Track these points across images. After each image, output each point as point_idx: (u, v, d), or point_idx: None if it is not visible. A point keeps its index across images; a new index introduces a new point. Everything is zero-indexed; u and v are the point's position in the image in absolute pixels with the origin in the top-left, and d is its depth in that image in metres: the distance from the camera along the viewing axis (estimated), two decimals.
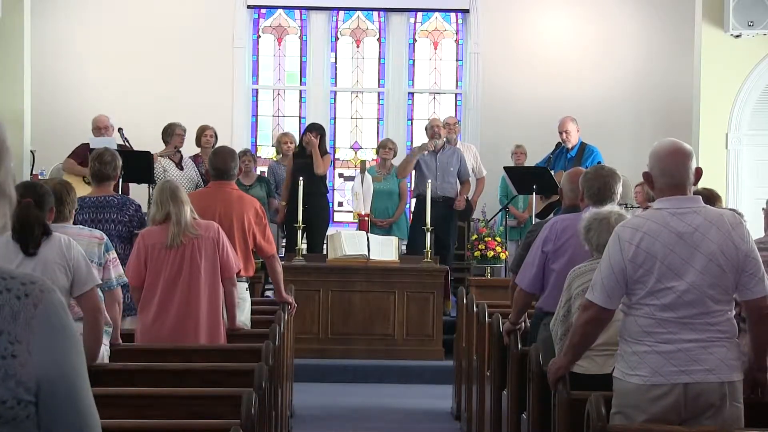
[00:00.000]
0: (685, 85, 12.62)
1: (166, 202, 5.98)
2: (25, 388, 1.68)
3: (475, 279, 10.44)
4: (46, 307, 1.72)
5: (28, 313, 1.70)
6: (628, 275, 3.95)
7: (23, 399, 1.68)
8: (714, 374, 3.89)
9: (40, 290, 1.72)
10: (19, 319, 1.69)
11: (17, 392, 1.67)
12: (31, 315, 1.70)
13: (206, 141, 11.15)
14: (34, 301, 1.71)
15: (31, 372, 1.69)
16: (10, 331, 1.68)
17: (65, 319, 1.75)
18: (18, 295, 1.70)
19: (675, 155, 4.02)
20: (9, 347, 1.67)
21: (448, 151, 11.25)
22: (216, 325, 6.04)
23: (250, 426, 3.86)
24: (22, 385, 1.68)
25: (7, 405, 1.67)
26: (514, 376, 5.52)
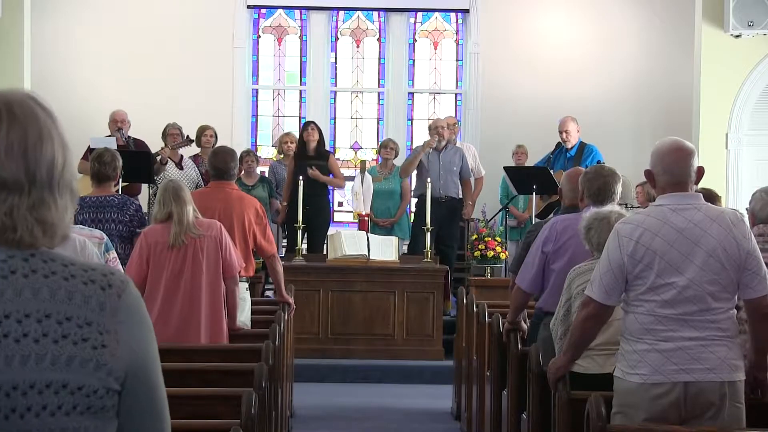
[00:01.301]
0: (685, 85, 12.62)
1: (169, 201, 5.98)
2: (115, 377, 1.71)
3: (475, 279, 10.44)
4: (128, 297, 1.75)
5: (113, 304, 1.72)
6: (627, 271, 3.95)
7: (112, 388, 1.71)
8: (714, 373, 3.89)
9: (120, 281, 1.76)
10: (106, 309, 1.72)
11: (107, 382, 1.70)
12: (117, 305, 1.73)
13: (206, 141, 11.17)
14: (117, 291, 1.74)
15: (120, 361, 1.71)
16: (98, 321, 1.70)
17: (143, 308, 1.78)
18: (102, 286, 1.73)
19: (677, 153, 4.03)
20: (99, 337, 1.70)
21: (450, 150, 11.25)
22: (218, 325, 6.04)
23: (250, 426, 3.86)
24: (112, 374, 1.71)
25: (98, 395, 1.69)
26: (514, 376, 5.52)
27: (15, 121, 1.71)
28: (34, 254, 1.71)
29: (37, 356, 1.65)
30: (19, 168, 1.70)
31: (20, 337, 1.65)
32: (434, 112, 13.93)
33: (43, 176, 1.71)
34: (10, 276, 1.69)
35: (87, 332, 1.69)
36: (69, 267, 1.72)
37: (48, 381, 1.65)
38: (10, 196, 1.69)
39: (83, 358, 1.68)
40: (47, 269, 1.71)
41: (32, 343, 1.66)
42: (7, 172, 1.69)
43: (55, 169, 1.73)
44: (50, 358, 1.66)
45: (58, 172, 1.74)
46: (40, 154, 1.71)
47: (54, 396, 1.66)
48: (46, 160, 1.72)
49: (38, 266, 1.70)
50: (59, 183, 1.74)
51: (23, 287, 1.68)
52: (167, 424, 1.82)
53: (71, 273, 1.72)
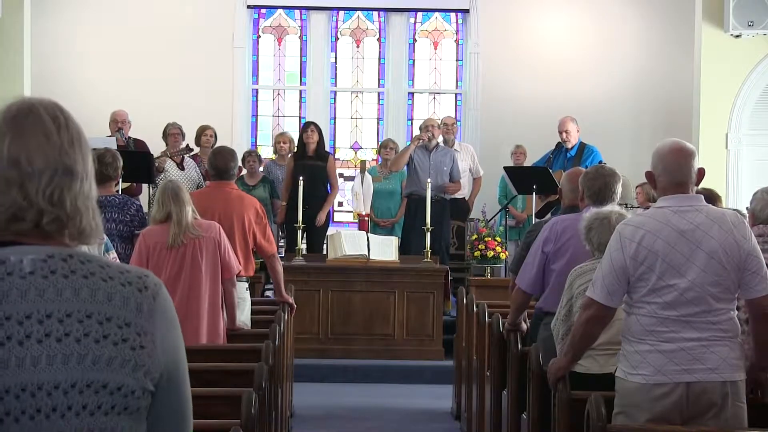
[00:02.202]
0: (685, 85, 12.62)
1: (168, 201, 5.98)
2: (151, 378, 1.73)
3: (475, 279, 10.44)
4: (161, 299, 1.78)
5: (149, 305, 1.75)
6: (629, 273, 3.96)
7: (148, 389, 1.73)
8: (716, 373, 3.89)
9: (155, 283, 1.79)
10: (143, 311, 1.74)
11: (144, 383, 1.72)
12: (152, 307, 1.75)
13: (206, 141, 11.17)
14: (152, 293, 1.77)
15: (156, 363, 1.74)
16: (137, 322, 1.73)
17: (175, 312, 1.81)
18: (139, 288, 1.76)
19: (678, 154, 4.03)
20: (137, 338, 1.72)
21: (441, 151, 11.24)
22: (216, 325, 6.04)
23: (250, 426, 3.86)
24: (149, 375, 1.72)
25: (136, 395, 1.71)
26: (514, 376, 5.52)
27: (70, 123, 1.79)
28: (72, 255, 1.73)
29: (78, 356, 1.67)
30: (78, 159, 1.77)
31: (62, 337, 1.67)
32: (434, 112, 13.93)
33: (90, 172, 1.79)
34: (50, 276, 1.70)
35: (126, 333, 1.71)
36: (106, 269, 1.75)
37: (89, 380, 1.67)
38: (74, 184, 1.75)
39: (123, 359, 1.70)
40: (86, 270, 1.72)
41: (74, 343, 1.67)
42: (72, 160, 1.76)
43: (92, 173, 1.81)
44: (91, 357, 1.67)
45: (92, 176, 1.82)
46: (87, 152, 1.79)
47: (94, 395, 1.67)
48: (89, 158, 1.80)
49: (77, 267, 1.72)
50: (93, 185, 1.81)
51: (64, 287, 1.70)
52: (191, 425, 1.84)
53: (109, 275, 1.74)
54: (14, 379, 1.64)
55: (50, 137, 1.74)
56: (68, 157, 1.75)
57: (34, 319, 1.66)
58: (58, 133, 1.75)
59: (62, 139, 1.75)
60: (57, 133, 1.75)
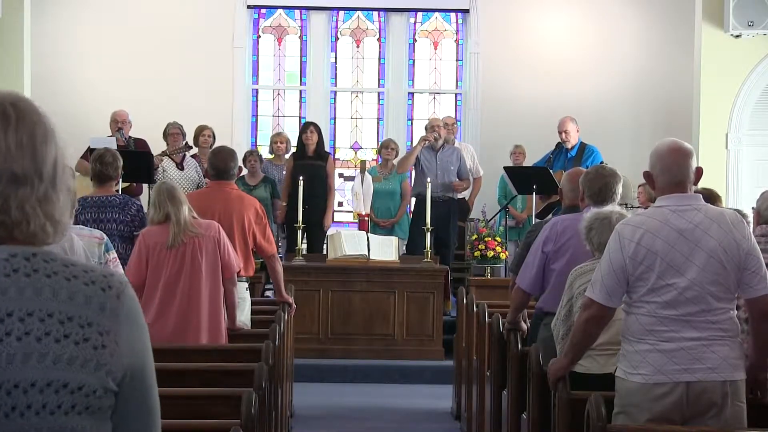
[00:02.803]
0: (685, 85, 12.62)
1: (164, 202, 5.98)
2: (113, 377, 1.72)
3: (475, 279, 10.44)
4: (126, 299, 1.77)
5: (113, 305, 1.74)
6: (629, 273, 3.96)
7: (110, 388, 1.72)
8: (716, 373, 3.89)
9: (119, 282, 1.77)
10: (106, 310, 1.73)
11: (106, 382, 1.71)
12: (116, 306, 1.74)
13: (204, 141, 11.16)
14: (116, 292, 1.75)
15: (118, 362, 1.73)
16: (99, 322, 1.72)
17: (140, 310, 1.80)
18: (103, 287, 1.74)
19: (675, 153, 4.03)
20: (99, 338, 1.71)
21: (448, 150, 11.25)
22: (217, 325, 6.04)
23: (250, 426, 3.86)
24: (111, 375, 1.72)
25: (97, 395, 1.71)
26: (514, 376, 5.52)
27: (23, 119, 1.75)
28: (35, 254, 1.72)
29: (39, 355, 1.66)
30: (29, 163, 1.73)
31: (22, 336, 1.67)
32: (434, 112, 13.93)
33: (49, 173, 1.74)
34: (12, 274, 1.70)
35: (88, 332, 1.70)
36: (70, 267, 1.74)
37: (49, 380, 1.67)
38: (21, 190, 1.71)
39: (84, 358, 1.69)
40: (49, 269, 1.72)
41: (34, 342, 1.67)
42: (18, 166, 1.72)
43: (58, 168, 1.77)
44: (52, 357, 1.67)
45: (60, 170, 1.77)
46: (45, 152, 1.75)
47: (54, 395, 1.67)
48: (51, 157, 1.75)
49: (40, 266, 1.72)
50: (60, 182, 1.77)
51: (25, 286, 1.69)
52: (158, 426, 1.83)
53: (73, 273, 1.73)
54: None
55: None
56: (15, 163, 1.71)
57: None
58: (5, 136, 1.72)
59: (8, 142, 1.72)
60: (4, 138, 1.72)
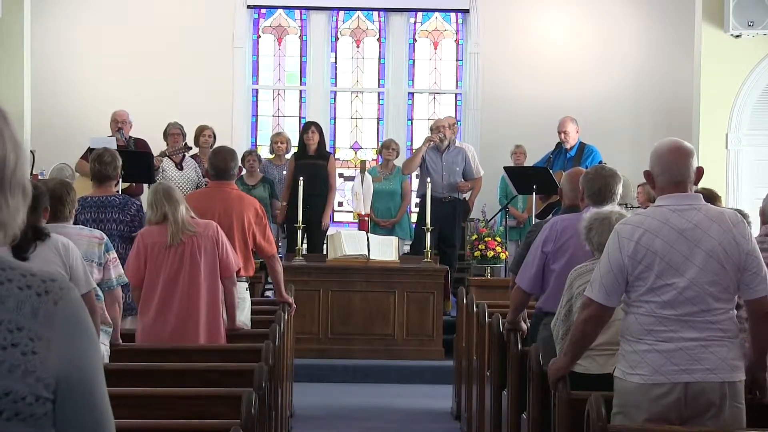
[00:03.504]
0: (685, 85, 12.62)
1: (161, 203, 5.99)
2: (45, 384, 1.68)
3: (475, 279, 10.44)
4: (66, 305, 1.72)
5: (48, 310, 1.70)
6: (628, 272, 3.95)
7: (42, 396, 1.68)
8: (715, 374, 3.89)
9: (60, 288, 1.73)
10: (39, 315, 1.69)
11: (36, 389, 1.67)
12: (52, 312, 1.70)
13: (204, 141, 11.16)
14: (54, 298, 1.71)
15: (51, 369, 1.69)
16: (30, 327, 1.68)
17: (84, 316, 1.75)
18: (38, 292, 1.70)
19: (676, 153, 4.03)
20: (29, 344, 1.67)
21: (453, 151, 11.26)
22: (216, 325, 6.04)
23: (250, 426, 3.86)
24: (41, 381, 1.68)
25: (27, 401, 1.67)
26: (514, 376, 5.52)
27: None
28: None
29: None
30: None
31: None
32: (434, 112, 13.94)
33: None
34: None
35: (17, 337, 1.67)
36: (7, 271, 1.70)
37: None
38: None
39: (12, 364, 1.65)
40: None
41: None
42: None
43: (7, 168, 1.72)
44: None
45: (10, 171, 1.72)
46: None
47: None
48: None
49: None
50: (11, 183, 1.72)
51: None
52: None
53: (8, 277, 1.70)
54: None
55: None
56: None
57: None
58: None
59: None
60: None
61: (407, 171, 11.39)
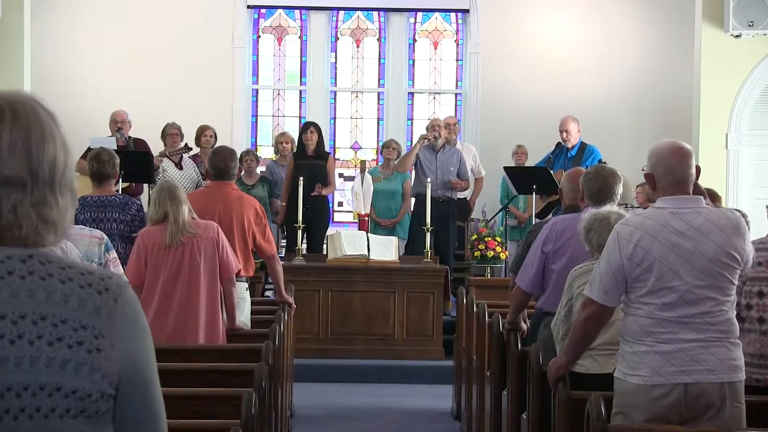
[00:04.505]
0: (685, 85, 12.62)
1: (164, 201, 5.98)
2: (109, 381, 1.71)
3: (475, 279, 10.44)
4: (125, 302, 1.76)
5: (109, 308, 1.73)
6: (626, 273, 3.95)
7: (106, 392, 1.71)
8: (714, 374, 3.89)
9: (118, 285, 1.76)
10: (101, 313, 1.72)
11: (101, 386, 1.70)
12: (112, 309, 1.73)
13: (206, 141, 11.17)
14: (113, 295, 1.75)
15: (114, 366, 1.72)
16: (94, 325, 1.71)
17: (140, 313, 1.79)
18: (99, 290, 1.74)
19: (678, 153, 4.03)
20: (94, 341, 1.70)
21: (448, 151, 11.26)
22: (215, 325, 6.04)
23: (250, 426, 3.86)
24: (106, 378, 1.71)
25: (92, 399, 1.70)
26: (514, 376, 5.52)
27: (18, 120, 1.73)
28: (32, 255, 1.72)
29: (31, 358, 1.66)
30: (22, 166, 1.71)
31: (15, 339, 1.66)
32: (434, 112, 13.94)
33: (45, 175, 1.73)
34: (6, 277, 1.69)
35: (82, 335, 1.70)
36: (66, 270, 1.73)
37: (42, 383, 1.66)
38: (14, 194, 1.70)
39: (78, 362, 1.68)
40: (44, 271, 1.71)
41: (27, 345, 1.66)
42: (11, 169, 1.70)
43: (57, 168, 1.75)
44: (45, 360, 1.66)
45: (60, 171, 1.75)
46: (42, 153, 1.73)
47: (48, 398, 1.66)
48: (48, 159, 1.73)
49: (35, 268, 1.71)
50: (61, 183, 1.75)
51: (20, 288, 1.69)
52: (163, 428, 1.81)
53: (68, 276, 1.72)
54: None
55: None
56: (6, 167, 1.70)
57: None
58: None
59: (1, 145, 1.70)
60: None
61: (401, 169, 11.38)
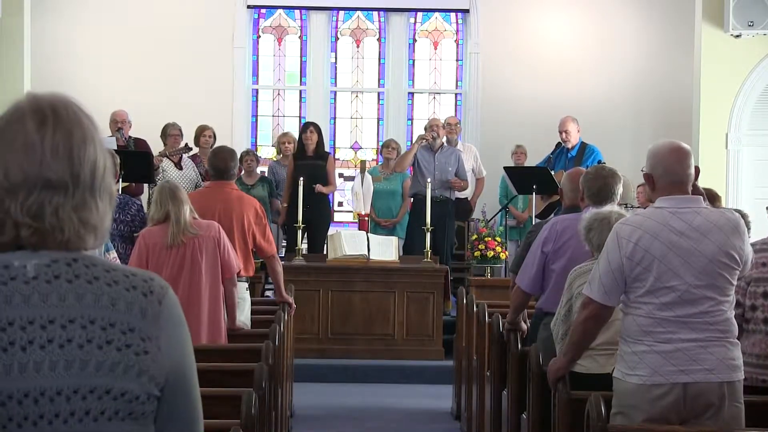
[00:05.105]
0: (685, 85, 12.62)
1: (166, 201, 5.98)
2: (156, 383, 1.72)
3: (475, 279, 10.44)
4: (168, 303, 1.76)
5: (154, 310, 1.74)
6: (626, 272, 3.95)
7: (153, 394, 1.72)
8: (713, 374, 3.89)
9: (160, 286, 1.77)
10: (148, 315, 1.73)
11: (149, 388, 1.71)
12: (158, 311, 1.74)
13: (205, 141, 11.17)
14: (158, 297, 1.75)
15: (161, 368, 1.73)
16: (141, 327, 1.72)
17: (182, 314, 1.79)
18: (144, 293, 1.74)
19: (677, 153, 4.03)
20: (141, 344, 1.71)
21: (447, 151, 11.26)
22: (217, 325, 6.04)
23: (250, 426, 3.86)
24: (153, 380, 1.72)
25: (140, 401, 1.71)
26: (514, 376, 5.52)
27: (60, 123, 1.74)
28: (76, 259, 1.72)
29: (81, 362, 1.66)
30: (65, 169, 1.71)
31: (65, 343, 1.66)
32: (434, 112, 13.94)
33: (87, 178, 1.73)
34: (53, 281, 1.69)
35: (130, 338, 1.70)
36: (111, 272, 1.73)
37: (92, 386, 1.67)
38: (56, 197, 1.70)
39: (126, 365, 1.69)
40: (90, 274, 1.71)
41: (76, 349, 1.67)
42: (53, 172, 1.71)
43: (98, 172, 1.75)
44: (94, 363, 1.67)
45: (100, 175, 1.75)
46: (83, 156, 1.73)
47: (97, 401, 1.67)
48: (90, 162, 1.74)
49: (81, 271, 1.71)
50: (101, 187, 1.75)
51: (67, 292, 1.69)
52: (201, 427, 1.83)
53: (114, 279, 1.73)
54: (17, 384, 1.64)
55: (30, 149, 1.70)
56: (49, 169, 1.70)
57: (37, 325, 1.66)
58: (42, 143, 1.71)
59: (44, 147, 1.70)
60: (40, 143, 1.71)
61: (399, 169, 11.37)
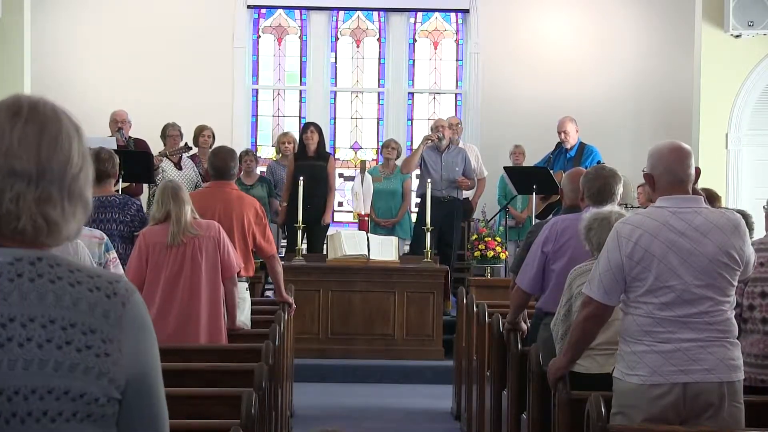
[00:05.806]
0: (685, 85, 12.62)
1: (167, 200, 5.98)
2: (116, 386, 1.71)
3: (475, 279, 10.43)
4: (132, 306, 1.75)
5: (117, 312, 1.72)
6: (626, 272, 3.95)
7: (113, 397, 1.71)
8: (713, 374, 3.89)
9: (125, 289, 1.75)
10: (110, 317, 1.72)
11: (108, 390, 1.70)
12: (121, 314, 1.73)
13: (204, 141, 11.17)
14: (122, 300, 1.74)
15: (122, 370, 1.72)
16: (102, 329, 1.70)
17: (147, 317, 1.78)
18: (107, 294, 1.73)
19: (678, 153, 4.03)
20: (102, 346, 1.70)
21: (453, 151, 11.26)
22: (217, 325, 6.04)
23: (250, 426, 3.86)
24: (113, 383, 1.71)
25: (99, 403, 1.69)
26: (514, 376, 5.52)
27: (35, 117, 1.73)
28: (41, 258, 1.71)
29: (40, 361, 1.65)
30: (30, 159, 1.70)
31: (24, 342, 1.65)
32: (434, 112, 13.95)
33: (54, 173, 1.72)
34: (16, 279, 1.68)
35: (91, 340, 1.69)
36: (75, 273, 1.72)
37: (50, 387, 1.65)
38: (18, 184, 1.69)
39: (86, 366, 1.68)
40: (53, 274, 1.70)
41: (36, 348, 1.65)
42: (18, 161, 1.70)
43: (69, 170, 1.74)
44: (53, 364, 1.66)
45: (72, 175, 1.75)
46: (53, 151, 1.73)
47: (55, 402, 1.66)
48: (60, 158, 1.73)
49: (44, 271, 1.70)
50: (71, 186, 1.74)
51: (29, 291, 1.68)
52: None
53: (77, 279, 1.72)
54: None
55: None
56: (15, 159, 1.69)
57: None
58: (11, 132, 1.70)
59: (13, 137, 1.70)
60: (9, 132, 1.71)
61: (406, 170, 11.40)
